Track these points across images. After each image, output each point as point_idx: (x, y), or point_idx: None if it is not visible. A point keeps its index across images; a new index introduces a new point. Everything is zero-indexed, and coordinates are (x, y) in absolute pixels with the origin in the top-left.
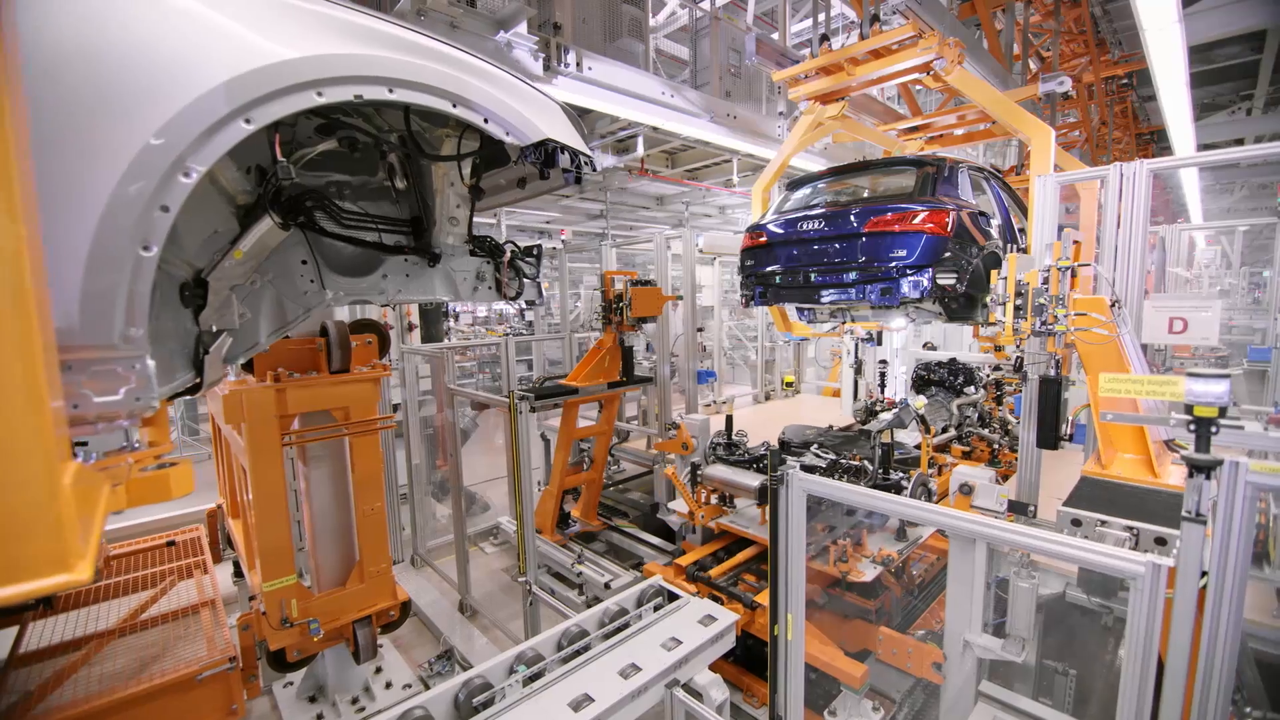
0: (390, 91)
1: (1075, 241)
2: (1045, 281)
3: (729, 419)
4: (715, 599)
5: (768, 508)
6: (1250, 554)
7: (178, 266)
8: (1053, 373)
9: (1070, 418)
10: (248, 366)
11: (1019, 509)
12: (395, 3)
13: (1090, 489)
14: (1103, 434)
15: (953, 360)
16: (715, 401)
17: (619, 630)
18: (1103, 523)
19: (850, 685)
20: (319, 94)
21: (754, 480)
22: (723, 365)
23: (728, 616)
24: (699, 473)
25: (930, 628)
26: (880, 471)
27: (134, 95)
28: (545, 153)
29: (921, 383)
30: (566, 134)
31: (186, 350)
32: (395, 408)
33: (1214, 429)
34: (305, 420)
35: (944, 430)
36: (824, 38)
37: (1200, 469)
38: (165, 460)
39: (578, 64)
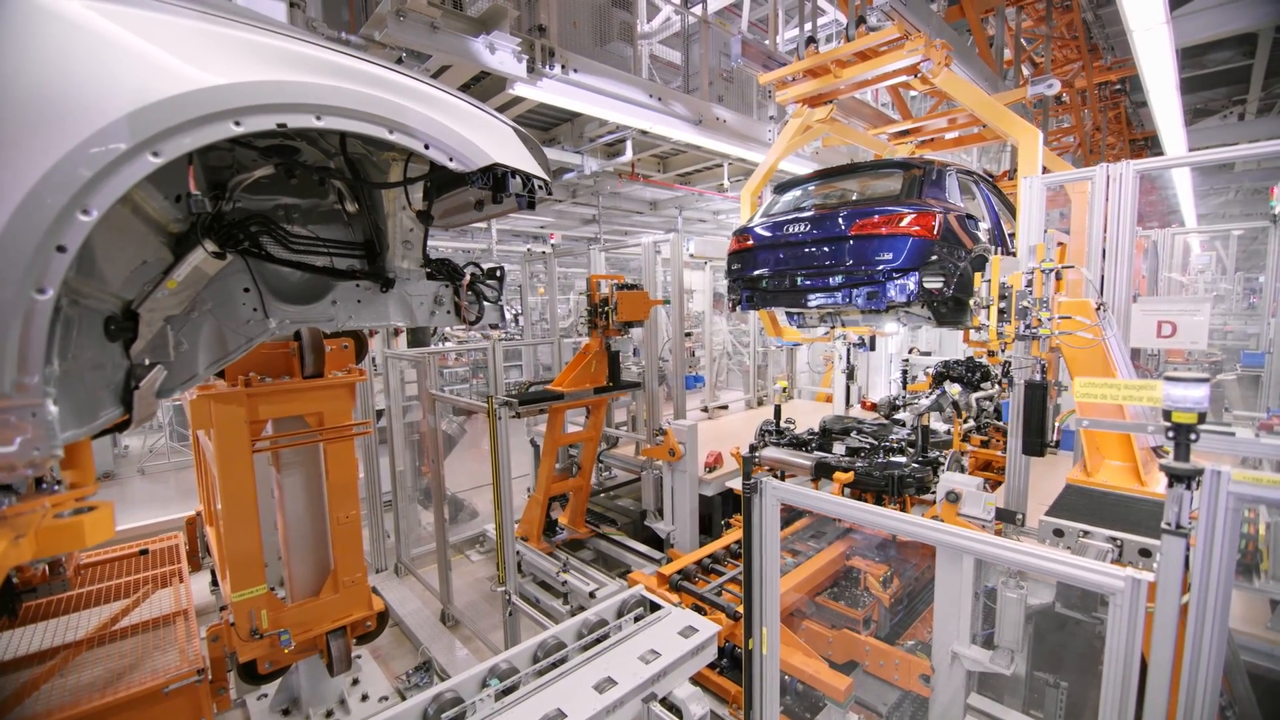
0: (318, 119)
1: (1060, 244)
2: (1029, 284)
3: (777, 408)
4: (699, 609)
5: (742, 514)
6: (1233, 568)
7: (101, 300)
8: (1038, 377)
9: (1057, 424)
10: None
11: (1007, 517)
12: (375, 5)
13: (1075, 497)
14: (1089, 440)
15: (970, 358)
16: (708, 407)
17: (598, 642)
18: (1085, 533)
19: (834, 699)
20: (236, 123)
21: (806, 460)
22: (712, 371)
23: (709, 628)
24: (756, 455)
25: (920, 638)
26: (920, 450)
27: (24, 127)
28: (495, 177)
29: (941, 379)
30: (518, 158)
31: (114, 385)
32: (380, 413)
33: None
34: (279, 426)
35: (964, 422)
36: (810, 40)
37: (1180, 478)
38: (85, 504)
39: (563, 66)
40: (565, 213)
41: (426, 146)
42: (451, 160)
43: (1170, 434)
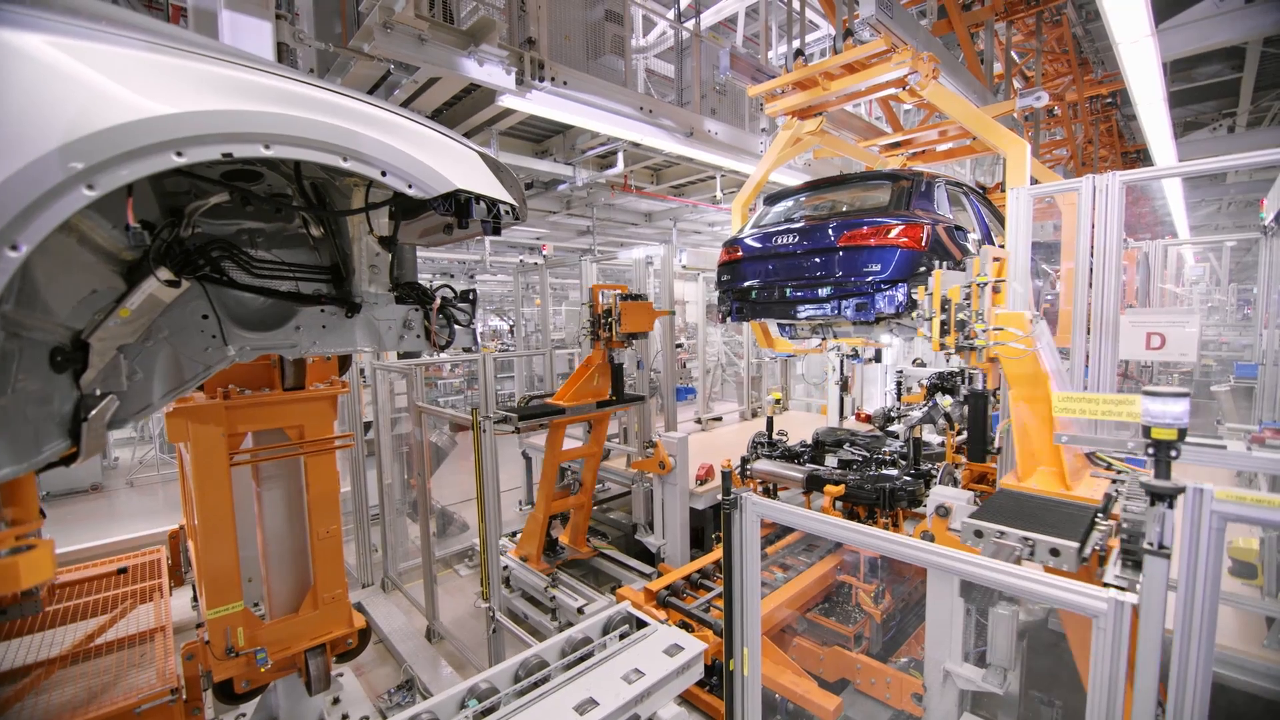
0: (266, 148)
1: (995, 259)
2: (967, 297)
3: (770, 420)
4: (687, 626)
5: (723, 531)
6: (1219, 588)
7: (47, 331)
8: (980, 387)
9: (997, 432)
10: None
11: None
12: (362, 18)
13: (1003, 501)
14: (1022, 447)
15: (963, 370)
16: (702, 419)
17: (581, 660)
18: (1001, 534)
19: (823, 719)
20: (178, 154)
21: (798, 473)
22: (706, 382)
23: (695, 646)
24: (747, 467)
25: (914, 655)
26: (912, 463)
27: None
28: (458, 203)
29: (934, 390)
30: (483, 183)
31: (60, 417)
32: (368, 425)
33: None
34: (258, 438)
35: (957, 434)
36: (798, 53)
37: (1161, 497)
38: (24, 542)
39: (552, 78)
40: (560, 224)
41: (384, 174)
42: (411, 187)
43: (1150, 450)
